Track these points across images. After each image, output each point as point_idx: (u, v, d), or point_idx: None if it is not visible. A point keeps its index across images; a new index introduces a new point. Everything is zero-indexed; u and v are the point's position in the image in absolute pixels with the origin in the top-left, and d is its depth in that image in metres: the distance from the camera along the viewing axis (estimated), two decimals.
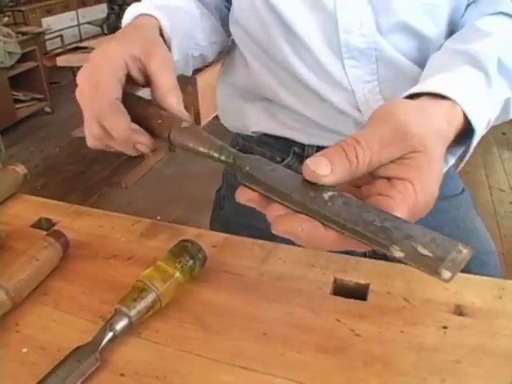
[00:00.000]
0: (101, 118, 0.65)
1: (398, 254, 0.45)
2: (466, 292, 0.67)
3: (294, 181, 0.53)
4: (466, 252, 0.45)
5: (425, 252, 0.44)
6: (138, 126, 0.67)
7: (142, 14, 0.82)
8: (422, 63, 0.85)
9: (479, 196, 3.61)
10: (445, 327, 0.62)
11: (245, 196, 0.56)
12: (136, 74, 0.72)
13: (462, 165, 0.72)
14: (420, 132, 0.53)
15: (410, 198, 0.51)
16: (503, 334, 0.61)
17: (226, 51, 1.08)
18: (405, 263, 0.45)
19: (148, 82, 0.72)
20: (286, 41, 0.88)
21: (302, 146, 0.98)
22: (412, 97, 0.65)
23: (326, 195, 0.50)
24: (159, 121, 0.65)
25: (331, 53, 0.85)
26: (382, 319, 0.63)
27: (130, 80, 0.71)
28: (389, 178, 0.53)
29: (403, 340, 0.60)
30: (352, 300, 0.67)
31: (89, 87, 0.67)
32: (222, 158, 0.59)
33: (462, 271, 0.70)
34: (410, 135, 0.53)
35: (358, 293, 0.68)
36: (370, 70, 0.86)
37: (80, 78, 0.69)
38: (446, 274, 0.44)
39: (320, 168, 0.50)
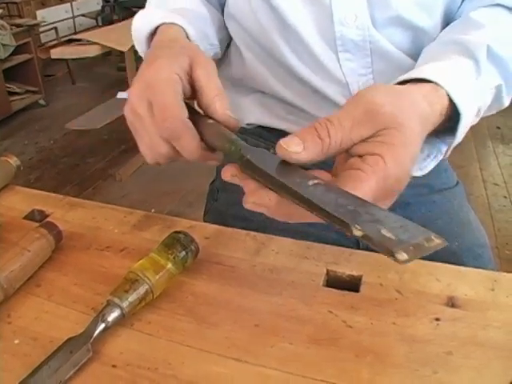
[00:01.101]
0: (172, 139, 0.64)
1: (357, 233, 0.43)
2: (458, 284, 0.67)
3: (285, 168, 0.53)
4: (437, 242, 0.43)
5: (387, 234, 0.42)
6: (204, 145, 0.66)
7: (164, 24, 0.80)
8: (416, 56, 0.85)
9: (473, 190, 3.61)
10: (437, 319, 0.62)
11: (229, 172, 0.58)
12: (186, 86, 0.69)
13: (449, 151, 0.72)
14: (392, 111, 0.55)
15: (379, 170, 0.52)
16: (495, 326, 0.61)
17: None
18: (367, 245, 0.44)
19: (193, 92, 0.70)
20: (280, 34, 0.88)
21: None
22: None
23: (311, 182, 0.50)
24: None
25: (326, 46, 0.86)
26: (374, 311, 0.63)
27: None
28: (361, 155, 0.54)
29: (395, 332, 0.60)
30: (344, 292, 0.67)
31: (149, 108, 0.65)
32: (232, 148, 0.59)
33: (456, 263, 0.71)
34: (381, 114, 0.54)
35: (351, 285, 0.68)
36: (365, 63, 0.86)
37: (135, 98, 0.67)
38: (402, 256, 0.41)
39: (292, 146, 0.52)
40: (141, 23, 0.84)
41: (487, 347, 0.58)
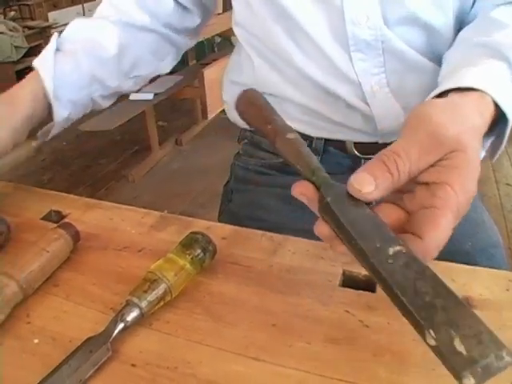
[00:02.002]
0: None
1: (430, 341, 0.41)
2: (474, 284, 0.67)
3: (367, 224, 0.50)
4: (507, 361, 0.38)
5: (460, 348, 0.39)
6: None
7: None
8: (429, 55, 0.86)
9: (486, 191, 3.60)
10: None
11: (299, 189, 0.56)
12: None
13: (497, 155, 0.71)
14: (456, 132, 0.53)
15: (452, 202, 0.51)
16: (510, 326, 0.61)
17: (233, 51, 1.10)
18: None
19: None
20: (290, 36, 0.88)
21: (310, 138, 0.98)
22: (439, 95, 0.65)
23: (392, 250, 0.47)
24: (269, 126, 0.65)
25: (338, 46, 0.86)
26: (390, 311, 0.63)
27: None
28: (428, 183, 0.53)
29: (412, 331, 0.60)
30: (361, 292, 0.67)
31: None
32: (313, 179, 0.57)
33: (469, 264, 0.71)
34: (447, 138, 0.53)
35: (367, 285, 0.69)
36: (378, 63, 0.86)
37: None
38: (469, 381, 0.38)
39: (365, 186, 0.50)
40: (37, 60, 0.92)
41: None
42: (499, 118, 0.65)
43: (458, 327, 0.40)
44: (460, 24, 0.86)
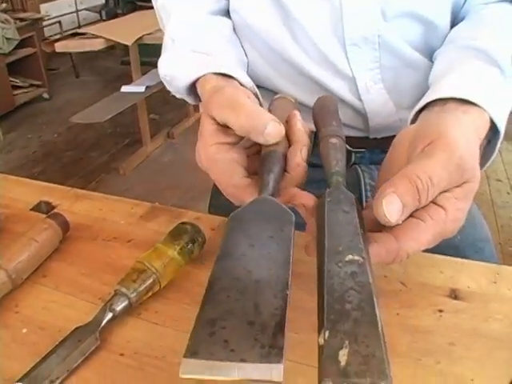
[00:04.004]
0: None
1: (320, 341, 0.39)
2: (461, 276, 0.68)
3: (346, 230, 0.49)
4: None
5: (341, 358, 0.37)
6: None
7: (210, 75, 0.75)
8: (425, 51, 0.85)
9: None
10: (440, 310, 0.63)
11: (300, 200, 0.57)
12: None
13: (487, 164, 0.71)
14: (471, 166, 0.54)
15: (439, 224, 0.52)
16: (496, 318, 0.62)
17: None
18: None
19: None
20: (287, 28, 0.87)
21: None
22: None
23: (350, 257, 0.46)
24: (323, 129, 0.65)
25: (334, 39, 0.85)
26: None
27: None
28: None
29: (399, 322, 0.61)
30: None
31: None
32: (329, 180, 0.57)
33: (458, 257, 0.71)
34: (466, 172, 0.53)
35: None
36: (373, 58, 0.85)
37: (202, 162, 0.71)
38: None
39: (394, 215, 0.49)
40: (182, 70, 0.80)
41: (489, 339, 0.59)
42: (490, 127, 0.65)
43: (355, 342, 0.38)
44: (453, 20, 0.86)
